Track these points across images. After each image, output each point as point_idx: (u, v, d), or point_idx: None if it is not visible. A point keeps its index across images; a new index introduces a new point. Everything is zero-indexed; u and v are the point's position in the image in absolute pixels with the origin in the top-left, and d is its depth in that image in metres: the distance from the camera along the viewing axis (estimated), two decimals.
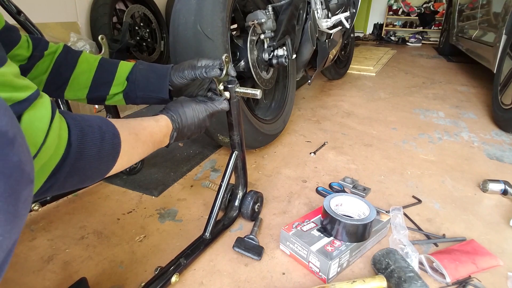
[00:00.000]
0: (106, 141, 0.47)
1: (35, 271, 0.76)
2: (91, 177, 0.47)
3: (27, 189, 0.31)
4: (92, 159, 0.45)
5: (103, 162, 0.48)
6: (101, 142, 0.46)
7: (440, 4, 5.57)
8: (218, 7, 0.99)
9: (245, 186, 0.94)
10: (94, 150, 0.45)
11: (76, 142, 0.43)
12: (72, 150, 0.42)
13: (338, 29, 1.82)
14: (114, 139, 0.49)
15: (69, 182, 0.44)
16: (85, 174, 0.45)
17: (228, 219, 0.90)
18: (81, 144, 0.43)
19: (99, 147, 0.46)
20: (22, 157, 0.29)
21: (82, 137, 0.44)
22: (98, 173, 0.49)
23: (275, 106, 1.47)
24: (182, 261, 0.73)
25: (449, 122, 1.74)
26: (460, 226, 0.92)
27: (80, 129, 0.44)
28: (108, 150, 0.48)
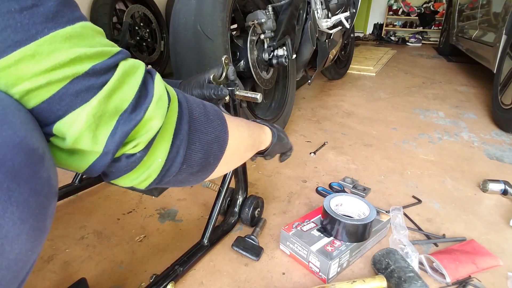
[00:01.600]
0: (206, 105, 0.46)
1: (35, 271, 0.76)
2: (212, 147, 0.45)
3: (53, 203, 0.31)
4: (203, 120, 0.43)
5: (215, 126, 0.45)
6: (203, 105, 0.45)
7: (440, 4, 5.57)
8: (218, 7, 0.99)
9: (245, 190, 0.92)
10: (200, 111, 0.44)
11: (184, 100, 0.41)
12: (183, 107, 0.41)
13: (338, 29, 1.82)
14: (213, 106, 0.48)
15: (193, 151, 0.42)
16: (205, 139, 0.43)
17: (227, 225, 0.88)
18: (187, 103, 0.42)
19: (203, 109, 0.44)
20: (51, 173, 0.29)
21: (185, 97, 0.42)
22: (217, 141, 0.46)
23: (275, 106, 1.47)
24: (178, 269, 0.70)
25: (449, 122, 1.74)
26: (460, 226, 0.92)
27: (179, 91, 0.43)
28: (213, 113, 0.46)
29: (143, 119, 0.35)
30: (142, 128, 0.35)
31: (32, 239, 0.27)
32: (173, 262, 0.73)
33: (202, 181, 0.48)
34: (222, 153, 0.47)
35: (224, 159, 0.48)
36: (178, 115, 0.40)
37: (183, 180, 0.44)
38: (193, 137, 0.42)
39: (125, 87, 0.34)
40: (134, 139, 0.35)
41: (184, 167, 0.41)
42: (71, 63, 0.29)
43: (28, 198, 0.26)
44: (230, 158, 0.50)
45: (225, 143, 0.47)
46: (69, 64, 0.29)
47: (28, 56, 0.27)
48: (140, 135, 0.36)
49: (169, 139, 0.38)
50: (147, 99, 0.36)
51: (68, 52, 0.29)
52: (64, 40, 0.29)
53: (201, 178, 0.47)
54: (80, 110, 0.31)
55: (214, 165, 0.47)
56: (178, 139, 0.40)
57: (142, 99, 0.35)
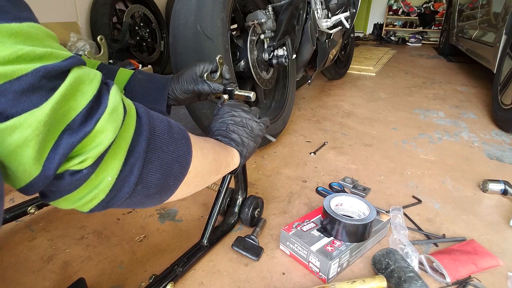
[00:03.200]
0: (172, 123, 0.43)
1: (35, 271, 0.76)
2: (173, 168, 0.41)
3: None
4: (165, 138, 0.40)
5: (178, 145, 0.42)
6: (168, 122, 0.42)
7: (440, 4, 5.57)
8: (218, 7, 0.99)
9: (245, 191, 0.92)
10: (164, 128, 0.40)
11: (145, 115, 0.38)
12: (143, 122, 0.37)
13: (338, 29, 1.82)
14: (179, 125, 0.45)
15: (151, 171, 0.38)
16: (164, 159, 0.40)
17: (226, 225, 0.88)
18: (150, 118, 0.38)
19: (167, 126, 0.41)
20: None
21: (148, 112, 0.39)
22: (179, 163, 0.42)
23: (275, 106, 1.47)
24: (178, 270, 0.70)
25: (449, 122, 1.74)
26: (460, 226, 0.92)
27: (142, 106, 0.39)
28: (178, 131, 0.43)
29: (92, 131, 0.31)
30: (91, 141, 0.32)
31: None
32: (173, 262, 0.73)
33: (159, 204, 0.44)
34: (183, 175, 0.44)
35: (186, 181, 0.45)
36: (136, 130, 0.36)
37: (137, 203, 0.40)
38: (151, 156, 0.38)
39: (78, 95, 0.31)
40: (80, 154, 0.32)
41: (139, 188, 0.38)
42: (18, 60, 0.27)
43: None
44: (192, 180, 0.47)
45: (187, 165, 0.44)
46: (15, 61, 0.26)
47: None
48: (88, 149, 0.32)
49: (122, 156, 0.35)
50: (99, 110, 0.32)
51: (13, 47, 0.27)
52: (8, 36, 0.27)
53: (158, 201, 0.43)
54: (28, 116, 0.27)
55: (174, 187, 0.43)
56: (133, 157, 0.36)
57: (94, 110, 0.32)
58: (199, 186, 0.51)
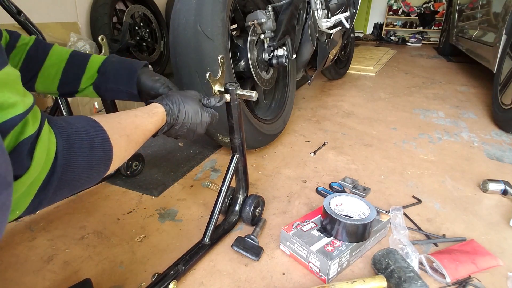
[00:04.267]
0: (96, 149, 0.44)
1: (35, 271, 0.76)
2: (82, 186, 0.45)
3: (4, 194, 0.29)
4: (82, 169, 0.42)
5: (94, 170, 0.45)
6: (90, 151, 0.43)
7: (440, 4, 5.57)
8: (218, 7, 0.99)
9: (246, 189, 0.92)
10: (82, 160, 0.42)
11: (62, 154, 0.39)
12: (58, 163, 0.39)
13: (338, 29, 1.82)
14: (105, 145, 0.46)
15: (58, 195, 0.41)
16: (75, 184, 0.43)
17: (228, 223, 0.88)
18: (68, 155, 0.40)
19: (88, 156, 0.43)
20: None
21: (69, 148, 0.40)
22: (90, 181, 0.46)
23: (275, 106, 1.47)
24: (180, 268, 0.71)
25: (449, 122, 1.74)
26: (460, 226, 0.92)
27: (66, 138, 0.41)
28: (99, 157, 0.45)
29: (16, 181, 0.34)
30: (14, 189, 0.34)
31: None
32: (175, 261, 0.73)
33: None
34: (100, 177, 0.48)
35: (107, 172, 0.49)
36: (50, 170, 0.38)
37: (57, 200, 0.43)
38: (61, 188, 0.40)
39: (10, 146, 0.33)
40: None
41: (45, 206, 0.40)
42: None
43: None
44: (113, 168, 0.50)
45: (98, 179, 0.48)
46: None
47: None
48: None
49: (31, 195, 0.37)
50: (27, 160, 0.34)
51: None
52: None
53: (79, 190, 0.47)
54: None
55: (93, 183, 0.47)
56: (43, 194, 0.38)
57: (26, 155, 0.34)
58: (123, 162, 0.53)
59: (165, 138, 1.49)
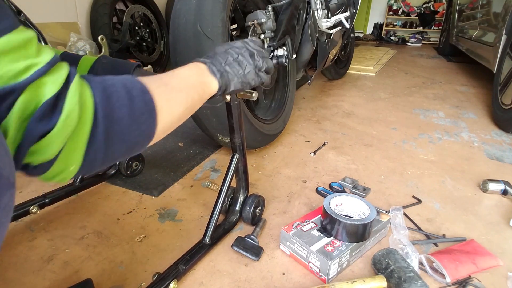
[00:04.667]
0: (135, 99, 0.43)
1: (35, 271, 0.76)
2: (136, 140, 0.44)
3: (7, 194, 0.29)
4: (126, 121, 0.42)
5: (141, 122, 0.44)
6: (129, 101, 0.43)
7: (440, 4, 5.57)
8: (218, 7, 0.99)
9: (246, 189, 0.92)
10: (124, 110, 0.42)
11: (101, 105, 0.40)
12: (99, 115, 0.39)
13: (338, 29, 1.82)
14: (144, 95, 0.45)
15: (115, 151, 0.41)
16: (127, 138, 0.42)
17: (228, 223, 0.89)
18: (107, 106, 0.40)
19: (128, 107, 0.42)
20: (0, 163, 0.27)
21: (107, 98, 0.40)
22: (142, 135, 0.45)
23: (275, 106, 1.47)
24: (181, 267, 0.71)
25: (449, 122, 1.74)
26: (460, 226, 0.92)
27: (102, 90, 0.41)
28: (141, 108, 0.44)
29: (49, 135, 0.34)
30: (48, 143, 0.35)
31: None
32: (176, 260, 0.73)
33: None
34: (149, 141, 0.47)
35: (156, 138, 0.48)
36: (93, 124, 0.38)
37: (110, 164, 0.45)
38: (113, 139, 0.41)
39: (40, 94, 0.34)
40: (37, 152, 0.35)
41: (107, 162, 0.42)
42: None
43: None
44: (162, 135, 0.49)
45: (152, 134, 0.46)
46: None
47: None
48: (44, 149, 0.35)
49: (81, 150, 0.38)
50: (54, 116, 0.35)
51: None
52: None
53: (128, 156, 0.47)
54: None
55: (141, 150, 0.47)
56: (93, 148, 0.39)
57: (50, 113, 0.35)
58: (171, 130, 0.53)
59: (165, 138, 1.49)
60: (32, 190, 1.07)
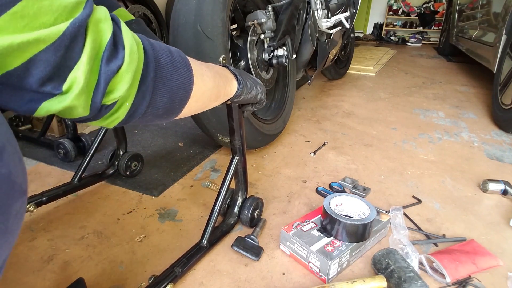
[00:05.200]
0: (174, 54, 0.46)
1: (35, 271, 0.76)
2: (177, 91, 0.46)
3: (19, 202, 0.28)
4: (169, 68, 0.45)
5: (181, 73, 0.47)
6: (170, 53, 0.46)
7: (440, 4, 5.57)
8: (218, 7, 0.99)
9: (245, 191, 0.91)
10: (166, 58, 0.44)
11: (149, 47, 0.42)
12: (149, 55, 0.41)
13: (338, 29, 1.82)
14: (180, 54, 0.48)
15: (159, 96, 0.44)
16: (170, 85, 0.45)
17: (226, 225, 0.88)
18: (153, 50, 0.43)
19: (170, 57, 0.45)
20: (12, 168, 0.27)
21: (151, 45, 0.43)
22: (183, 87, 0.47)
23: (275, 106, 1.47)
24: (177, 270, 0.70)
25: (449, 122, 1.74)
26: (460, 226, 0.92)
27: (145, 38, 0.43)
28: (180, 61, 0.47)
29: (120, 70, 0.36)
30: (120, 78, 0.37)
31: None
32: (172, 263, 0.73)
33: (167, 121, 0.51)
34: (187, 99, 0.49)
35: (188, 105, 0.50)
36: (144, 61, 0.40)
37: (148, 121, 0.47)
38: (158, 83, 0.43)
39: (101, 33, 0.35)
40: (112, 90, 0.37)
41: (150, 110, 0.43)
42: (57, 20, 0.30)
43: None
44: (194, 104, 0.52)
45: (190, 90, 0.49)
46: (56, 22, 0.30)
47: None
48: (117, 87, 0.37)
49: (135, 85, 0.40)
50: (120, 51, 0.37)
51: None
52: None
53: (166, 119, 0.50)
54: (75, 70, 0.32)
55: (179, 109, 0.49)
56: (144, 85, 0.41)
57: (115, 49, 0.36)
58: (199, 109, 0.57)
59: (165, 138, 1.49)
60: (32, 190, 1.07)
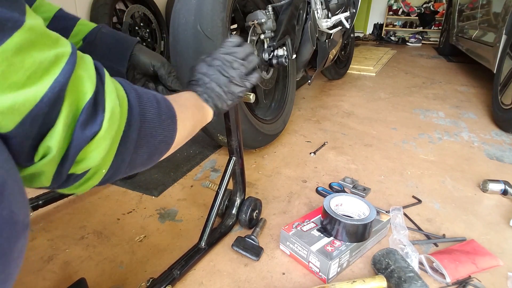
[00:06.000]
0: (161, 103, 0.43)
1: (35, 271, 0.76)
2: (159, 146, 0.43)
3: (22, 238, 0.27)
4: (155, 122, 0.41)
5: (165, 126, 0.43)
6: (157, 103, 0.42)
7: (440, 4, 5.57)
8: (218, 7, 0.99)
9: (243, 192, 0.91)
10: (153, 111, 0.40)
11: (136, 102, 0.38)
12: (134, 112, 0.37)
13: (338, 29, 1.82)
14: (166, 101, 0.45)
15: (139, 154, 0.39)
16: (153, 142, 0.41)
17: (224, 227, 0.87)
18: (140, 104, 0.38)
19: (157, 108, 0.41)
20: (13, 207, 0.25)
21: (139, 97, 0.39)
22: (165, 140, 0.44)
23: (275, 106, 1.47)
24: (175, 273, 0.70)
25: (449, 122, 1.74)
26: (460, 226, 0.92)
27: (133, 88, 0.39)
28: (166, 112, 0.43)
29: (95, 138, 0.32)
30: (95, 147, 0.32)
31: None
32: (170, 265, 0.72)
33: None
34: (167, 151, 0.47)
35: (170, 150, 0.48)
36: (127, 122, 0.36)
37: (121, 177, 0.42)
38: (141, 142, 0.39)
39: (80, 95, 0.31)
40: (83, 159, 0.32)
41: (127, 170, 0.40)
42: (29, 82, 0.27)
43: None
44: (172, 150, 0.49)
45: (172, 142, 0.46)
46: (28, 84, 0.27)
47: None
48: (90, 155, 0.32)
49: (113, 151, 0.35)
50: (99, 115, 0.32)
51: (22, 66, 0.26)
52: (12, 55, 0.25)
53: (143, 168, 0.45)
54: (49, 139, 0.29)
55: (157, 160, 0.46)
56: (124, 148, 0.36)
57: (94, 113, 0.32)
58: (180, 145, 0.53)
59: None
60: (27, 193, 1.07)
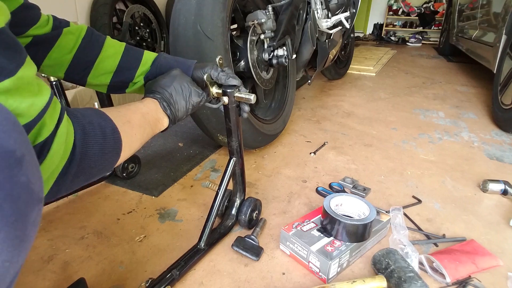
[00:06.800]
0: (108, 138, 0.47)
1: (35, 271, 0.76)
2: (96, 174, 0.47)
3: (36, 210, 0.29)
4: (96, 157, 0.45)
5: (107, 159, 0.47)
6: (103, 139, 0.46)
7: (440, 4, 5.57)
8: (218, 7, 0.99)
9: (243, 193, 0.91)
10: (96, 148, 0.44)
11: (80, 143, 0.42)
12: (76, 152, 0.41)
13: (338, 29, 1.82)
14: (115, 134, 0.48)
15: (75, 182, 0.43)
16: (90, 172, 0.45)
17: (224, 227, 0.87)
18: (84, 144, 0.43)
19: (101, 145, 0.45)
20: (31, 177, 0.28)
21: (85, 137, 0.43)
22: (103, 170, 0.48)
23: (275, 106, 1.47)
24: (175, 273, 0.70)
25: (449, 122, 1.74)
26: (460, 226, 0.92)
27: (82, 128, 0.43)
28: (111, 146, 0.47)
29: None
30: None
31: (10, 248, 0.26)
32: (170, 266, 0.72)
33: None
34: (107, 172, 0.51)
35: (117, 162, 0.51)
36: (69, 158, 0.40)
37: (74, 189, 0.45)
38: (79, 173, 0.42)
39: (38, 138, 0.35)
40: None
41: (64, 192, 0.42)
42: None
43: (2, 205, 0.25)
44: (124, 157, 0.52)
45: (110, 169, 0.50)
46: None
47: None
48: None
49: (50, 183, 0.38)
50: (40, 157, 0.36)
51: None
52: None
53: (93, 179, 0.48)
54: None
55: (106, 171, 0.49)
56: (62, 181, 0.40)
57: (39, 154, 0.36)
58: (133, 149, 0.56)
59: (165, 138, 1.49)
60: None
